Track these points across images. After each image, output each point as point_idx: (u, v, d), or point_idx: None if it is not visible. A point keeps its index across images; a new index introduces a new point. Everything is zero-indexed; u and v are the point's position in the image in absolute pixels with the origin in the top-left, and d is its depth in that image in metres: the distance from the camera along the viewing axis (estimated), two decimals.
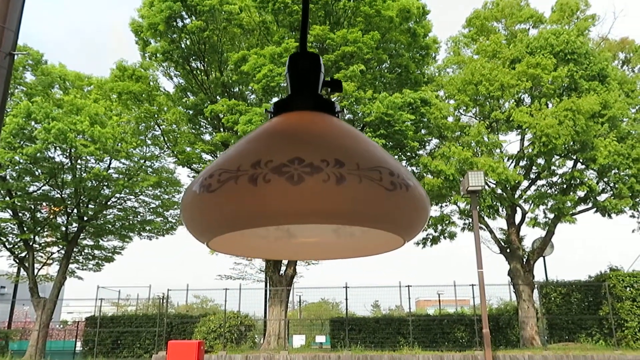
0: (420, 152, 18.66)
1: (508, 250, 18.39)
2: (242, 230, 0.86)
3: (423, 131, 17.96)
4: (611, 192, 17.16)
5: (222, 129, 18.18)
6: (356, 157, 0.66)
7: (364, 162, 0.65)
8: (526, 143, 17.81)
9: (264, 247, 0.92)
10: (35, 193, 20.06)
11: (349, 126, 0.77)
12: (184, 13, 16.89)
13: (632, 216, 18.15)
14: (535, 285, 18.09)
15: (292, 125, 0.75)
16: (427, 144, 19.09)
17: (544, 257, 19.68)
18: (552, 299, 18.08)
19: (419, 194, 0.70)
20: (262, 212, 0.62)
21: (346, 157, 0.65)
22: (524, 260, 18.38)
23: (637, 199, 17.13)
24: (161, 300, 19.72)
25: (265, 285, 20.04)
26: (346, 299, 17.97)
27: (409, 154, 18.16)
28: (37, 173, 19.51)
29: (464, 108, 18.24)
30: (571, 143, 16.31)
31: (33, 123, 17.70)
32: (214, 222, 0.66)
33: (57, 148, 18.60)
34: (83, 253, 22.97)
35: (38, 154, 17.84)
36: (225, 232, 0.68)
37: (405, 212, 0.67)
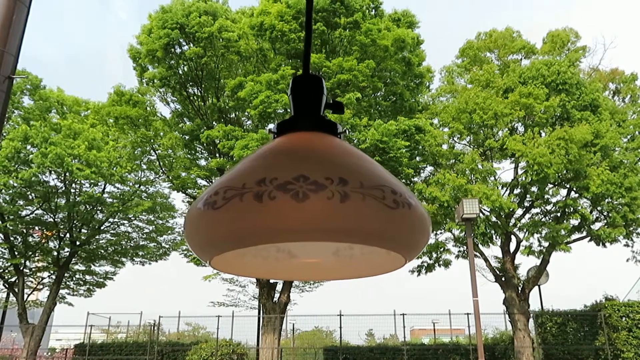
0: (415, 179, 18.72)
1: (503, 279, 18.30)
2: (244, 250, 0.87)
3: (418, 158, 18.08)
4: (605, 221, 17.21)
5: (217, 155, 18.22)
6: (360, 176, 0.67)
7: (367, 180, 0.66)
8: (520, 171, 17.94)
9: (265, 267, 0.92)
10: (27, 217, 19.90)
11: (352, 146, 0.79)
12: (182, 40, 17.12)
13: (626, 245, 18.16)
14: (531, 315, 17.95)
15: (296, 144, 0.76)
16: (421, 171, 19.18)
17: (539, 285, 19.58)
18: (548, 328, 17.92)
19: (420, 213, 0.71)
20: (267, 229, 0.63)
21: (350, 175, 0.66)
22: (519, 289, 18.27)
23: (631, 228, 17.18)
24: (152, 327, 19.40)
25: (259, 313, 19.77)
26: (340, 327, 17.76)
27: (403, 180, 18.23)
28: (30, 197, 19.40)
29: (458, 136, 18.40)
30: (564, 172, 16.44)
31: (29, 147, 17.69)
32: (219, 239, 0.67)
33: (52, 172, 18.56)
34: (74, 278, 22.66)
35: (33, 178, 17.78)
36: (230, 249, 0.68)
37: (408, 230, 0.68)
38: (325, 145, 0.76)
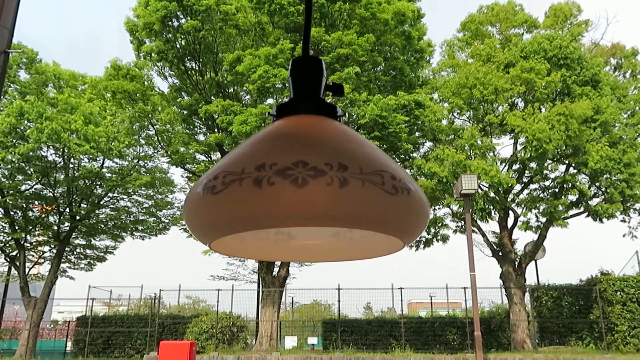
0: (414, 154, 18.71)
1: (500, 254, 18.47)
2: (243, 233, 0.87)
3: (417, 133, 18.02)
4: (602, 197, 17.29)
5: (216, 130, 18.15)
6: (359, 161, 0.67)
7: (366, 166, 0.66)
8: (519, 147, 17.93)
9: (264, 249, 0.93)
10: (27, 192, 19.94)
11: (352, 130, 0.78)
12: (179, 13, 16.85)
13: (623, 220, 18.29)
14: (527, 289, 18.18)
15: (295, 128, 0.76)
16: (421, 146, 19.15)
17: (535, 260, 19.78)
18: (544, 302, 18.18)
19: (420, 198, 0.71)
20: (266, 215, 0.63)
21: (349, 160, 0.66)
22: (516, 263, 18.47)
23: (628, 204, 17.26)
24: (153, 300, 19.64)
25: (258, 287, 20.01)
26: (339, 301, 17.98)
27: (402, 156, 18.22)
28: (29, 172, 19.39)
29: (458, 111, 18.32)
30: (563, 147, 16.42)
31: (26, 122, 17.60)
32: (218, 224, 0.67)
33: (50, 147, 18.51)
34: (75, 252, 22.85)
35: (30, 153, 17.74)
36: (229, 234, 0.68)
37: (407, 215, 0.68)
38: (324, 130, 0.75)
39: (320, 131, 0.75)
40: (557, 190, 17.86)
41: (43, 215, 20.99)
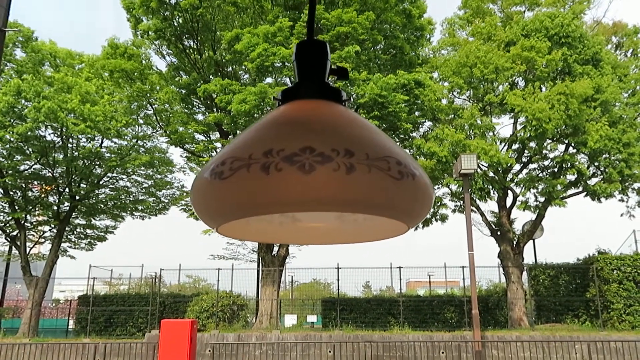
0: (414, 134, 18.66)
1: (499, 233, 18.58)
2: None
3: (417, 113, 17.94)
4: (601, 177, 17.32)
5: (215, 109, 18.06)
6: (365, 147, 0.67)
7: (373, 151, 0.67)
8: (519, 126, 17.88)
9: (269, 232, 0.94)
10: (26, 172, 19.91)
11: (357, 115, 0.79)
12: None
13: (621, 200, 18.36)
14: (525, 268, 18.33)
15: (302, 113, 0.76)
16: (420, 126, 19.09)
17: (533, 239, 19.91)
18: (541, 281, 18.35)
19: (424, 182, 0.72)
20: (274, 201, 0.64)
21: (356, 146, 0.66)
22: (514, 242, 18.59)
23: (627, 184, 17.30)
24: (154, 279, 19.78)
25: (258, 266, 20.15)
26: (338, 280, 18.13)
27: (402, 135, 18.19)
28: (28, 152, 19.34)
29: (458, 90, 18.21)
30: (563, 127, 16.38)
31: (23, 101, 17.48)
32: (226, 209, 0.68)
33: (48, 127, 18.42)
34: (75, 232, 22.94)
35: (29, 133, 17.66)
36: (236, 219, 0.69)
37: (412, 200, 0.70)
38: (330, 115, 0.76)
39: (326, 116, 0.75)
40: (556, 169, 17.87)
41: (43, 195, 21.01)
